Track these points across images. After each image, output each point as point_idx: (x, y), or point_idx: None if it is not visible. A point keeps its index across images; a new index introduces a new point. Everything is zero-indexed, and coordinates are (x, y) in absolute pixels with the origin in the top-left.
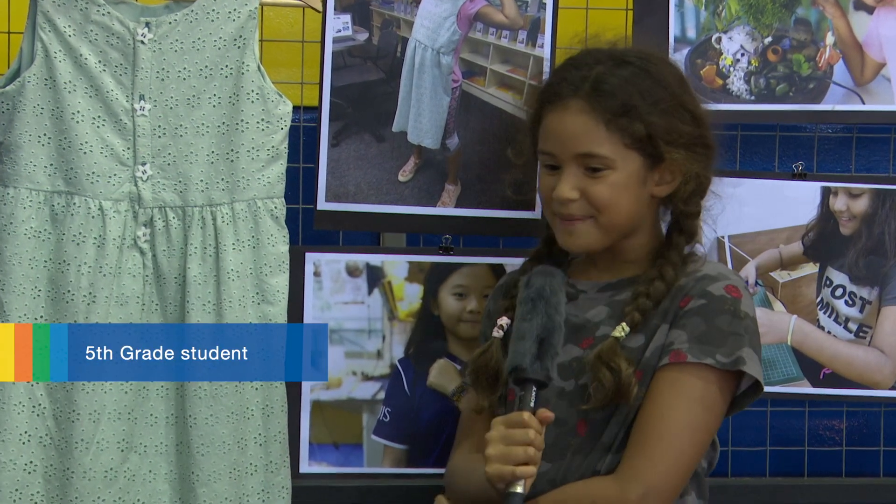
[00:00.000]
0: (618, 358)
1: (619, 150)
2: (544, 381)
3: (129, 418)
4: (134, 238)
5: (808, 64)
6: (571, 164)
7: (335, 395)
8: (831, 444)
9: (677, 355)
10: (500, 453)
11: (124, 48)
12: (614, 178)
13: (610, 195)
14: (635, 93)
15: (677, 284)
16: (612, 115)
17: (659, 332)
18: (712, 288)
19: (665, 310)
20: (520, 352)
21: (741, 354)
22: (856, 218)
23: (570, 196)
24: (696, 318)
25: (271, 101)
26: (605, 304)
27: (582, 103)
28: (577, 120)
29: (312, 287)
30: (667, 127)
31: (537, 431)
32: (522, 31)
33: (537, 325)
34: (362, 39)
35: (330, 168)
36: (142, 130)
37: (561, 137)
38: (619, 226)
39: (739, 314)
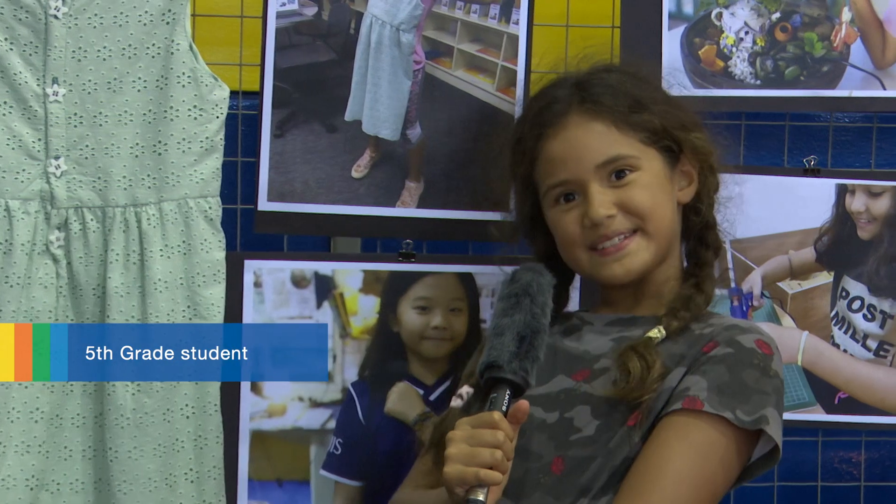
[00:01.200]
0: (653, 353)
1: (639, 147)
2: (521, 385)
3: (39, 451)
4: (46, 243)
5: (821, 44)
6: (594, 180)
7: (279, 425)
8: (848, 479)
9: (693, 402)
10: (463, 453)
11: (35, 24)
12: (645, 180)
13: (649, 197)
14: (631, 88)
15: (699, 332)
16: (619, 114)
17: (672, 375)
18: (742, 339)
19: (680, 353)
20: (497, 348)
21: (764, 413)
22: (876, 220)
23: (608, 212)
24: (721, 367)
25: (205, 85)
26: (611, 339)
27: (581, 114)
28: (583, 131)
29: (252, 299)
30: (674, 115)
31: (508, 436)
32: (494, 6)
33: (519, 322)
34: (310, 14)
35: (273, 163)
36: (55, 119)
37: (573, 157)
38: (666, 232)
39: (769, 372)
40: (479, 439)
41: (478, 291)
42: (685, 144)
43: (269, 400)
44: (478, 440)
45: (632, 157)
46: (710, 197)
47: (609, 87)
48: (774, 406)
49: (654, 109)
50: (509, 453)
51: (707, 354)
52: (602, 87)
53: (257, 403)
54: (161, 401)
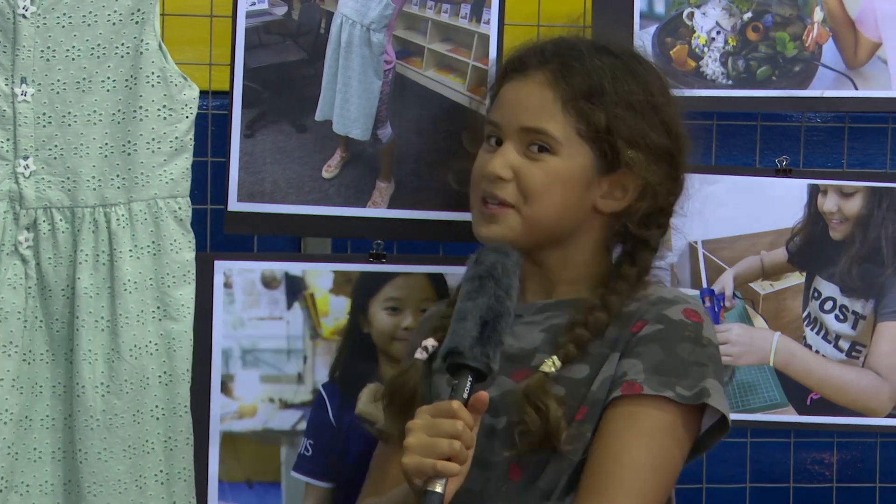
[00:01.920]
0: (546, 397)
1: (571, 135)
2: (483, 371)
3: (8, 453)
4: (14, 244)
5: (793, 43)
6: (514, 138)
7: (249, 426)
8: (820, 480)
9: (631, 387)
10: (421, 444)
11: (2, 23)
12: (555, 166)
13: (544, 183)
14: (607, 79)
15: (626, 310)
16: (573, 96)
17: (608, 362)
18: (669, 312)
19: (614, 338)
20: (458, 333)
21: (704, 386)
22: (848, 220)
23: (500, 173)
24: (654, 346)
25: (175, 84)
26: (542, 330)
27: (545, 76)
28: (534, 91)
29: (222, 300)
30: (632, 125)
31: (468, 425)
32: (465, 5)
33: (482, 306)
34: (280, 14)
35: (243, 163)
36: (24, 119)
37: (511, 107)
38: (544, 225)
39: (701, 341)
40: (437, 429)
41: (449, 292)
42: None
43: (239, 401)
44: (437, 430)
45: (555, 139)
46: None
47: (584, 67)
48: (713, 376)
49: (611, 109)
50: (469, 442)
51: (637, 335)
52: (580, 64)
53: (227, 405)
54: (131, 402)
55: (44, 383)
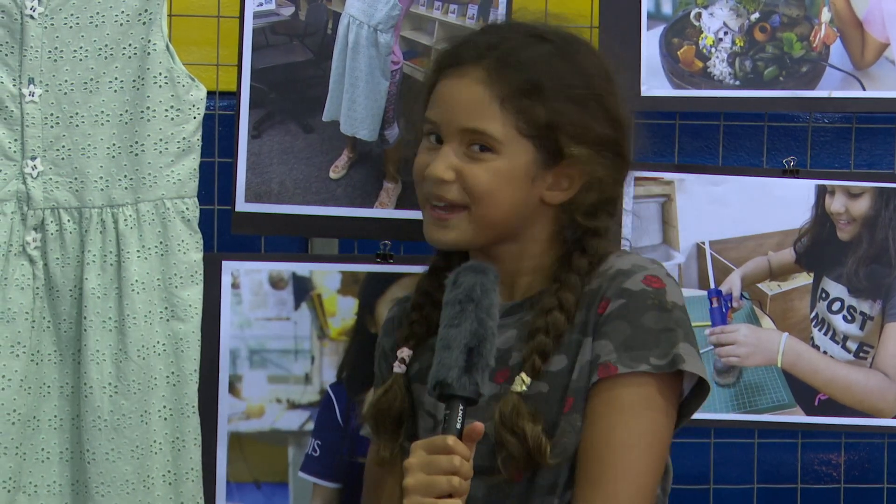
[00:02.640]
0: (521, 420)
1: (512, 134)
2: (473, 398)
3: (16, 454)
4: (22, 244)
5: (800, 44)
6: (454, 139)
7: (257, 426)
8: (828, 481)
9: (606, 369)
10: (420, 483)
11: (10, 23)
12: (497, 165)
13: (488, 183)
14: (545, 73)
15: (588, 289)
16: (511, 93)
17: (583, 347)
18: (629, 284)
19: (583, 321)
20: (445, 364)
21: (677, 352)
22: (855, 221)
23: (443, 176)
24: (619, 322)
25: (182, 85)
26: (514, 328)
27: (481, 73)
28: (471, 90)
29: (230, 301)
30: (574, 119)
31: (464, 457)
32: (472, 6)
33: (466, 333)
34: (287, 14)
35: (250, 163)
36: (31, 119)
37: (450, 107)
38: (495, 223)
39: (666, 306)
40: (435, 467)
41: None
42: (563, 151)
43: (246, 402)
44: (434, 468)
45: (495, 139)
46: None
47: (521, 62)
48: (684, 339)
49: (550, 103)
50: (467, 475)
51: (603, 315)
52: (517, 59)
53: (235, 405)
54: (138, 403)
55: (51, 384)
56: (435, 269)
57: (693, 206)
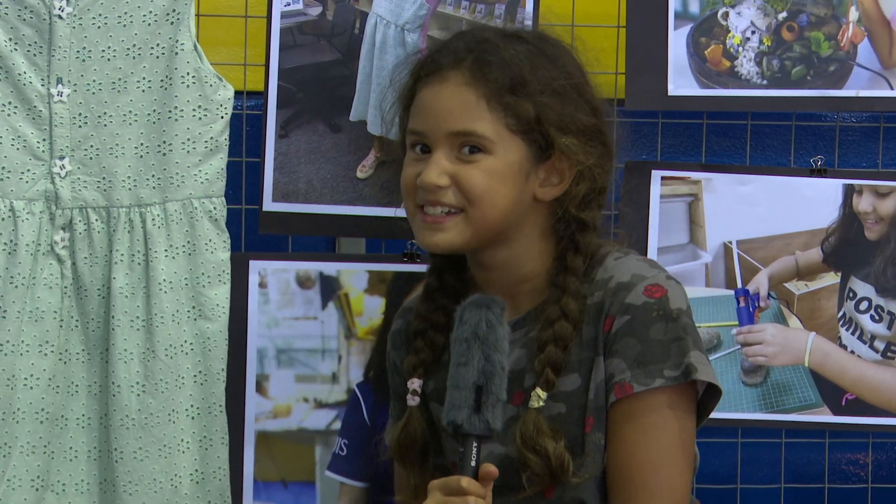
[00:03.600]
0: (542, 437)
1: (501, 132)
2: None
3: (44, 452)
4: (50, 244)
5: (828, 43)
6: (444, 145)
7: (284, 425)
8: (855, 481)
9: (622, 388)
10: None
11: (39, 24)
12: (491, 165)
13: (485, 183)
14: (526, 69)
15: (592, 302)
16: (496, 91)
17: (595, 366)
18: (631, 298)
19: (591, 338)
20: (455, 405)
21: (689, 361)
22: (883, 220)
23: (438, 182)
24: (628, 339)
25: (210, 85)
26: (522, 347)
27: (463, 76)
28: (455, 94)
29: (257, 300)
30: (559, 111)
31: (479, 496)
32: (500, 5)
33: (474, 371)
34: (315, 14)
35: (278, 163)
36: (59, 119)
37: (435, 113)
38: (492, 224)
39: (671, 315)
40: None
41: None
42: (554, 144)
43: (274, 401)
44: None
45: (486, 139)
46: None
47: (501, 60)
48: (693, 346)
49: (536, 98)
50: None
51: (610, 333)
52: (495, 58)
53: (262, 404)
54: (166, 402)
55: (79, 382)
56: (429, 290)
57: (720, 206)
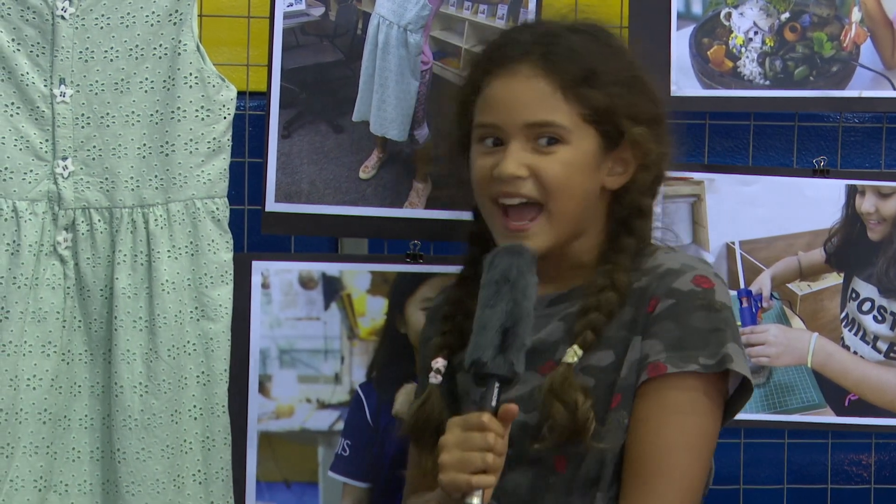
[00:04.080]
0: (572, 390)
1: (576, 121)
2: (508, 377)
3: (47, 453)
4: (53, 244)
5: (831, 43)
6: (519, 136)
7: (286, 426)
8: (858, 482)
9: (656, 368)
10: (455, 460)
11: (41, 24)
12: (568, 156)
13: (563, 174)
14: (595, 60)
15: (637, 286)
16: (570, 82)
17: (631, 345)
18: (679, 283)
19: (632, 319)
20: (480, 344)
21: (726, 352)
22: (886, 221)
23: (517, 172)
24: (668, 323)
25: (212, 85)
26: (560, 320)
27: (534, 67)
28: (529, 85)
29: (260, 300)
30: (628, 101)
31: (498, 435)
32: (502, 6)
33: (501, 313)
34: (318, 15)
35: (280, 163)
36: (62, 120)
37: (509, 105)
38: (572, 215)
39: (715, 306)
40: (470, 444)
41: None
42: (626, 134)
43: (276, 401)
44: (469, 445)
45: (564, 128)
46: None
47: (572, 51)
48: (732, 339)
49: (608, 88)
50: (501, 451)
51: (652, 314)
52: (565, 49)
53: (265, 405)
54: (169, 402)
55: (82, 383)
56: (464, 278)
57: (723, 206)
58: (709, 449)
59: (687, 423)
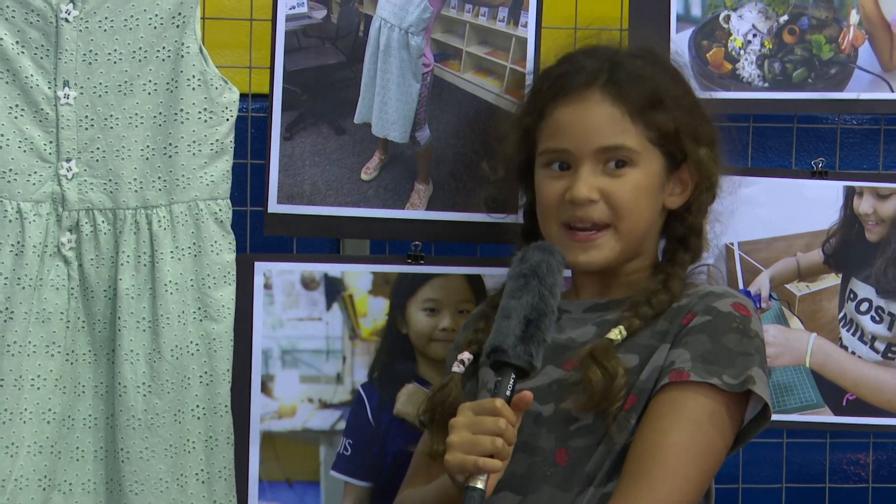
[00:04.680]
0: (613, 360)
1: (644, 144)
2: (525, 369)
3: (51, 452)
4: (57, 245)
5: (829, 46)
6: (590, 160)
7: (289, 426)
8: (856, 481)
9: (679, 374)
10: (464, 441)
11: (45, 27)
12: (637, 178)
13: (633, 196)
14: (659, 83)
15: (677, 305)
16: (637, 106)
17: (657, 352)
18: (718, 304)
19: (664, 330)
20: (502, 331)
21: (750, 374)
22: (884, 222)
23: (590, 196)
24: (702, 336)
25: (215, 87)
26: (593, 324)
27: (603, 93)
28: (599, 110)
29: (262, 301)
30: (690, 123)
31: (510, 422)
32: (503, 8)
33: (526, 304)
34: (319, 17)
35: (282, 165)
36: (66, 122)
37: (580, 130)
38: (638, 235)
39: (749, 333)
40: (480, 427)
41: (486, 293)
42: (691, 156)
43: (279, 401)
44: (479, 428)
45: (635, 151)
46: (701, 210)
47: (638, 76)
48: (759, 366)
49: (673, 112)
50: (511, 439)
51: (687, 326)
52: (630, 73)
53: (267, 405)
54: (172, 402)
55: (86, 383)
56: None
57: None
58: (713, 463)
59: (697, 431)
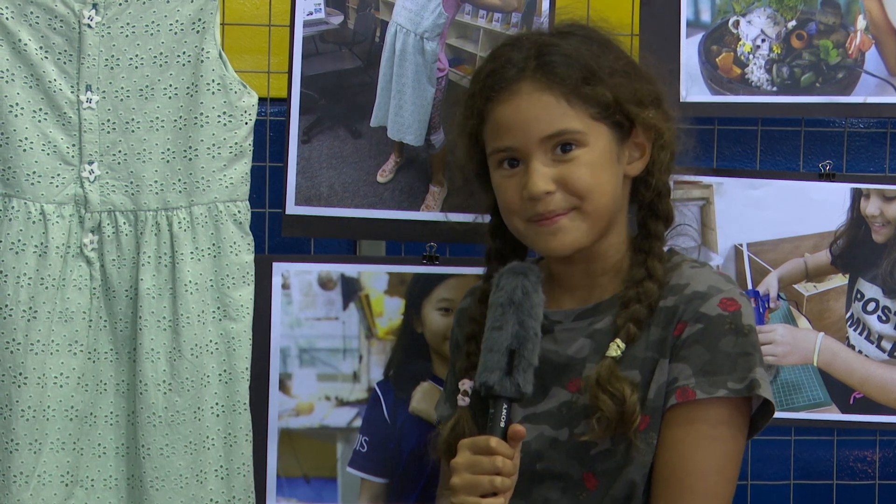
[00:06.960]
0: (619, 382)
1: (588, 123)
2: (516, 398)
3: (74, 449)
4: (80, 246)
5: (836, 51)
6: (537, 152)
7: (306, 423)
8: (863, 478)
9: (685, 393)
10: (465, 483)
11: (69, 32)
12: (588, 157)
13: (589, 176)
14: (589, 58)
15: (664, 305)
16: (572, 87)
17: (658, 368)
18: (706, 308)
19: (659, 340)
20: (488, 367)
21: (754, 377)
22: (890, 223)
23: (546, 188)
24: (698, 347)
25: (234, 92)
26: (586, 336)
27: (535, 82)
28: (533, 101)
29: (280, 301)
30: (630, 88)
31: (506, 457)
32: (516, 14)
33: (507, 335)
34: (336, 23)
35: (300, 167)
36: (88, 125)
37: (520, 125)
38: (605, 212)
39: (743, 330)
40: (479, 467)
41: None
42: (637, 120)
43: (296, 399)
44: (478, 468)
45: (579, 132)
46: (662, 170)
47: (565, 57)
48: (759, 363)
49: (608, 82)
50: (510, 472)
51: (680, 338)
52: (559, 56)
53: (285, 402)
54: (192, 400)
55: (108, 381)
56: (484, 294)
57: (731, 209)
58: (736, 470)
59: (716, 448)
